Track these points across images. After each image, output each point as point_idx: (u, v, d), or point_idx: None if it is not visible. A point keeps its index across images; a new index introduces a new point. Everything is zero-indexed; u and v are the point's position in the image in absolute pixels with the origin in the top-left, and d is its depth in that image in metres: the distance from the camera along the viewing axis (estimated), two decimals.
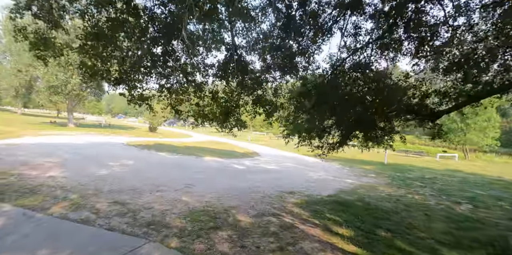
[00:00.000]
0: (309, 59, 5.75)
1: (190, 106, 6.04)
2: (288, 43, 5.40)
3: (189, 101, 5.86)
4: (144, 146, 18.05)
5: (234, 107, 5.84)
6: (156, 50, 5.02)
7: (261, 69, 5.47)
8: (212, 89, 5.82)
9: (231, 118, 6.01)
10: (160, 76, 5.35)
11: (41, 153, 10.84)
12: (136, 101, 5.42)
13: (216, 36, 5.16)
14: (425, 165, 22.38)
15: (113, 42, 4.59)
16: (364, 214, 7.00)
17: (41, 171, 7.73)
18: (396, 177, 14.61)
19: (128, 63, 4.97)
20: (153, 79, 5.43)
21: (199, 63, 5.44)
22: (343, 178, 13.28)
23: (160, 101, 5.95)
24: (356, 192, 10.00)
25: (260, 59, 5.55)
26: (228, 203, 6.70)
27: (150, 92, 5.61)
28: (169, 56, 5.01)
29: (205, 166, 12.80)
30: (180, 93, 5.57)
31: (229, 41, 5.25)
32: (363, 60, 5.93)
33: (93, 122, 44.99)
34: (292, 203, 7.48)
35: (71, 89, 27.00)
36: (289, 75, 5.76)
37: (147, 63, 5.02)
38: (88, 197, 5.79)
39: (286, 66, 5.41)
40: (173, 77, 5.31)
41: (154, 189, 7.22)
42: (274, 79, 5.90)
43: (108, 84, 5.34)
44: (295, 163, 17.98)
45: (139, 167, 10.26)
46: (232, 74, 5.39)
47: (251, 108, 6.07)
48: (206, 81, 5.71)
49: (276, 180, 10.81)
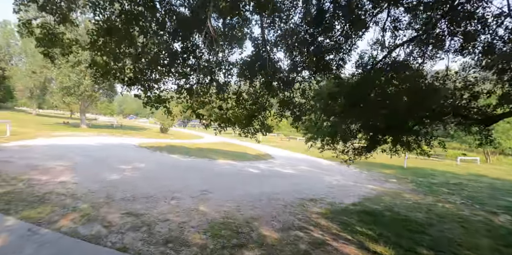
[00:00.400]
0: (341, 57, 5.15)
1: (212, 109, 5.52)
2: (319, 39, 4.83)
3: (211, 104, 5.34)
4: (156, 147, 17.74)
5: (260, 110, 5.29)
6: (175, 46, 4.54)
7: (289, 67, 4.89)
8: (237, 90, 5.27)
9: (256, 122, 5.47)
10: (179, 75, 4.85)
11: (53, 155, 10.57)
12: (152, 103, 4.93)
13: (241, 30, 4.63)
14: (446, 169, 21.37)
15: (127, 38, 4.13)
16: (397, 227, 6.38)
17: (51, 175, 7.38)
18: (419, 182, 13.82)
19: (144, 61, 4.51)
20: (171, 79, 4.95)
21: (223, 61, 4.90)
22: (364, 183, 12.59)
23: (179, 104, 5.45)
24: (381, 200, 9.33)
25: (287, 57, 4.98)
26: (248, 213, 6.18)
27: (168, 94, 5.13)
28: (190, 53, 4.51)
29: (219, 169, 12.32)
30: (201, 94, 5.05)
31: (257, 36, 4.71)
32: (400, 57, 5.30)
33: (105, 123, 45.28)
34: (316, 213, 6.89)
35: (84, 90, 27.03)
36: (319, 74, 5.17)
37: (164, 61, 4.53)
38: (99, 206, 5.36)
39: (316, 64, 4.83)
40: (196, 77, 4.79)
41: (168, 196, 6.76)
42: (302, 79, 5.32)
43: (121, 84, 4.90)
44: (310, 166, 17.36)
45: (152, 171, 9.85)
46: (262, 73, 4.83)
47: (278, 111, 5.50)
48: (229, 81, 5.19)
49: (294, 186, 10.24)
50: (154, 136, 28.15)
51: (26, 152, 10.75)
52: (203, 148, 21.24)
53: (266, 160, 18.14)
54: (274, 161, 17.94)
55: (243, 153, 21.25)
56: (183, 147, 19.95)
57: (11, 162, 8.65)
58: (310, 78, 5.28)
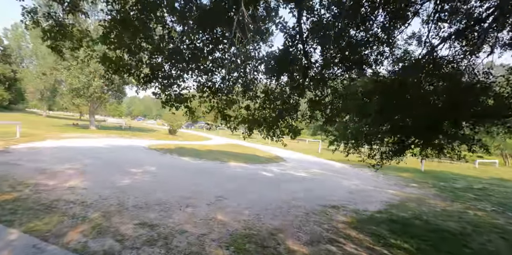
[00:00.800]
0: (380, 51, 4.59)
1: (239, 109, 5.02)
2: (353, 32, 4.31)
3: (238, 104, 4.83)
4: (166, 149, 17.38)
5: (289, 110, 4.77)
6: (197, 39, 4.05)
7: (323, 63, 4.35)
8: (267, 88, 4.74)
9: (283, 123, 4.94)
10: (200, 71, 4.38)
11: (62, 158, 10.25)
12: (172, 103, 4.47)
13: (272, 20, 4.11)
14: (465, 172, 20.52)
15: (143, 30, 3.70)
16: (433, 238, 5.81)
17: (59, 180, 7.01)
18: (442, 187, 13.12)
19: (162, 55, 4.05)
20: (193, 76, 4.47)
21: (250, 55, 4.37)
22: (383, 188, 11.99)
23: (202, 103, 4.95)
24: (406, 207, 8.74)
25: (319, 52, 4.45)
26: (270, 222, 5.68)
27: (189, 92, 4.64)
28: (214, 46, 4.02)
29: (232, 173, 11.85)
30: (225, 93, 4.55)
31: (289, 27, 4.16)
32: (442, 52, 4.75)
33: (113, 124, 45.36)
34: (342, 222, 6.36)
35: (93, 91, 26.97)
36: (354, 71, 4.63)
37: (185, 56, 4.05)
38: (111, 215, 4.92)
39: (350, 59, 4.30)
40: (221, 73, 4.28)
41: (183, 203, 6.31)
42: (335, 77, 4.77)
43: (136, 81, 4.45)
44: (324, 169, 16.78)
45: (163, 175, 9.44)
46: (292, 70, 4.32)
47: (309, 111, 4.96)
48: (256, 77, 4.68)
49: (312, 191, 9.71)
50: (163, 138, 27.90)
51: (35, 155, 10.46)
52: (212, 150, 20.84)
53: (278, 163, 17.62)
54: (286, 164, 17.41)
55: (254, 155, 20.77)
56: (193, 149, 19.56)
57: (19, 165, 8.34)
58: (343, 75, 4.73)
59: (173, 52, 3.96)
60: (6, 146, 11.76)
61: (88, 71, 25.65)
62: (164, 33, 3.99)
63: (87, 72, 25.65)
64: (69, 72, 25.61)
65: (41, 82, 41.27)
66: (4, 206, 4.69)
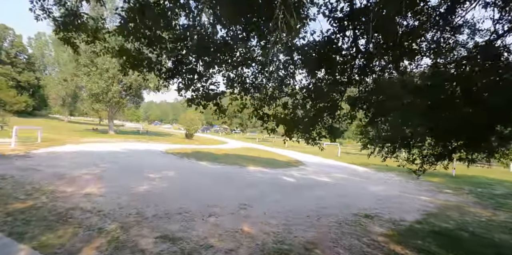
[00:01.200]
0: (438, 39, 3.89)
1: (275, 108, 4.45)
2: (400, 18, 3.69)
3: (274, 102, 4.26)
4: (183, 154, 17.11)
5: (331, 109, 4.15)
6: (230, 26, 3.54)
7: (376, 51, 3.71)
8: (308, 83, 4.14)
9: (321, 125, 4.35)
10: (229, 65, 3.87)
11: (80, 163, 10.09)
12: (199, 101, 3.98)
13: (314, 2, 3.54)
14: (500, 176, 19.03)
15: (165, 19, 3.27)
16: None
17: (77, 186, 6.72)
18: (479, 193, 12.07)
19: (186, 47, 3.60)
20: (221, 70, 3.97)
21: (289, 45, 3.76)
22: (414, 194, 11.13)
23: (233, 100, 4.41)
24: (447, 216, 7.92)
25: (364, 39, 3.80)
26: (302, 234, 5.09)
27: (218, 88, 4.13)
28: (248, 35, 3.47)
29: (252, 178, 11.33)
30: (258, 89, 4.01)
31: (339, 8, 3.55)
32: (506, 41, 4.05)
33: (131, 129, 46.05)
34: (381, 234, 5.68)
35: (112, 97, 27.35)
36: (402, 62, 3.97)
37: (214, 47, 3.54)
38: (130, 226, 4.50)
39: (399, 49, 3.66)
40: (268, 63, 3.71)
41: (205, 212, 5.84)
42: (380, 69, 4.11)
43: (158, 77, 4.02)
44: (346, 173, 15.97)
45: (182, 180, 9.05)
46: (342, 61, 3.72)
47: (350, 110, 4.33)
48: (294, 71, 4.11)
49: (339, 197, 9.04)
50: (179, 142, 27.83)
51: (54, 159, 10.36)
52: (229, 154, 20.44)
53: (298, 167, 16.96)
54: (307, 168, 16.72)
55: (272, 159, 20.20)
56: (210, 153, 19.22)
57: (38, 170, 8.17)
58: (388, 66, 4.08)
59: (199, 43, 3.48)
60: (27, 151, 11.78)
61: (107, 77, 26.04)
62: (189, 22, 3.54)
63: (106, 78, 26.05)
64: (88, 78, 26.10)
65: (63, 88, 42.54)
66: (17, 216, 4.37)
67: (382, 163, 6.65)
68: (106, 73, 25.80)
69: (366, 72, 3.96)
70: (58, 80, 42.26)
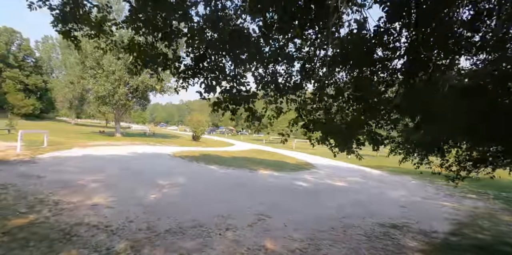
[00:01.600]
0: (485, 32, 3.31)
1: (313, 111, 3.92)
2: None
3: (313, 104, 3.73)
4: (191, 157, 16.67)
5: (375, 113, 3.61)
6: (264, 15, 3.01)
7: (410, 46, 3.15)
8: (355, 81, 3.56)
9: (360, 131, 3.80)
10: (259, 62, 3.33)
11: (87, 168, 9.69)
12: (226, 104, 3.44)
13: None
14: None
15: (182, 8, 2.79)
16: None
17: (83, 196, 6.28)
18: (505, 198, 11.40)
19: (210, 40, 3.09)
20: (251, 68, 3.43)
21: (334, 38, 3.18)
22: (437, 200, 10.53)
23: (267, 103, 3.87)
24: (479, 226, 7.31)
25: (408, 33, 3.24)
26: (332, 252, 4.57)
27: (249, 90, 3.55)
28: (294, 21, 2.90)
29: (265, 183, 10.82)
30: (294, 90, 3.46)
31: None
32: None
33: (138, 131, 45.93)
34: (418, 250, 5.12)
35: (118, 99, 27.12)
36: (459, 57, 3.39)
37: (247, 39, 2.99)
38: (140, 245, 4.02)
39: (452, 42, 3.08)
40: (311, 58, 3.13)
41: (221, 225, 5.35)
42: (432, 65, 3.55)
43: (175, 76, 3.52)
44: (361, 176, 15.37)
45: (193, 187, 8.57)
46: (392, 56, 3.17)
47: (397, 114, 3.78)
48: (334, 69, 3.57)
49: (360, 204, 8.48)
50: (186, 144, 27.44)
51: (60, 165, 9.97)
52: (237, 157, 19.94)
53: (309, 170, 16.40)
54: (319, 171, 16.14)
55: (282, 161, 19.65)
56: (218, 156, 18.75)
57: (42, 177, 7.77)
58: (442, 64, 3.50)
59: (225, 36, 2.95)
60: (33, 155, 11.43)
61: (113, 79, 25.82)
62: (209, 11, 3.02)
63: (112, 80, 25.83)
64: (95, 80, 25.92)
65: (69, 91, 42.65)
66: (15, 235, 3.92)
67: (396, 165, 6.11)
68: (112, 75, 25.57)
69: (416, 70, 3.41)
70: (65, 83, 42.46)
